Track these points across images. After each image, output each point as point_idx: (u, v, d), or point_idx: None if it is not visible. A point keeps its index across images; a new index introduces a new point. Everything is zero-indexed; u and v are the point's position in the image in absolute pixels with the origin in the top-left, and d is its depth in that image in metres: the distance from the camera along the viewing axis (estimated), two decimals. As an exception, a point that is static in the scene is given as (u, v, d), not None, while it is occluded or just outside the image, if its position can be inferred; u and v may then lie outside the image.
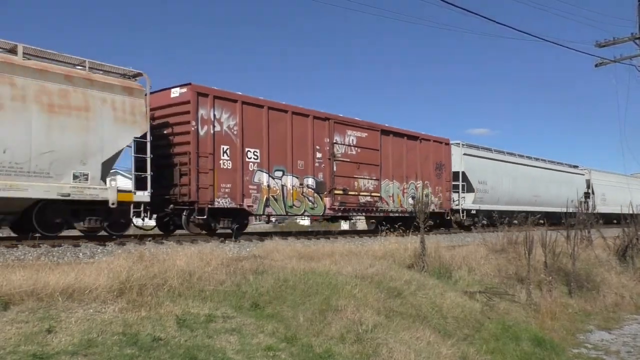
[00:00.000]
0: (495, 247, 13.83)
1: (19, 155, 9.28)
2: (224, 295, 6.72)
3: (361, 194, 15.96)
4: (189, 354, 4.99)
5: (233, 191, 12.39)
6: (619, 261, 16.07)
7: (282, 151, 13.70)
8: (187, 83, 11.99)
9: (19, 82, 9.35)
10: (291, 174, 13.89)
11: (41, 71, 9.66)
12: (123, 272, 6.30)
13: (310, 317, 6.57)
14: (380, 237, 13.02)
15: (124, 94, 10.76)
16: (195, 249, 8.14)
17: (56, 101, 9.81)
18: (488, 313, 9.55)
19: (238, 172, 12.54)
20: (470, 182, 20.77)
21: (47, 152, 9.65)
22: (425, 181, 18.41)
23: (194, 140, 11.74)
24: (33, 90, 9.52)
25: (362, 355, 6.07)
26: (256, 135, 13.07)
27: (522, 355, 8.55)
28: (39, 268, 6.41)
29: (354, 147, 15.81)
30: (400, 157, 17.51)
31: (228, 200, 12.30)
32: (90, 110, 10.26)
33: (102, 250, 9.58)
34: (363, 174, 16.03)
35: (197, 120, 11.84)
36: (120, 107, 10.66)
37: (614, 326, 11.65)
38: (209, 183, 11.86)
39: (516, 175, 23.52)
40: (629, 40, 20.58)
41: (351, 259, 9.56)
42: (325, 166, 14.82)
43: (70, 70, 10.22)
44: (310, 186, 14.37)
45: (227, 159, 12.38)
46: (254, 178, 12.95)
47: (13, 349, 4.49)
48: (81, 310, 5.42)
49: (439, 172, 19.16)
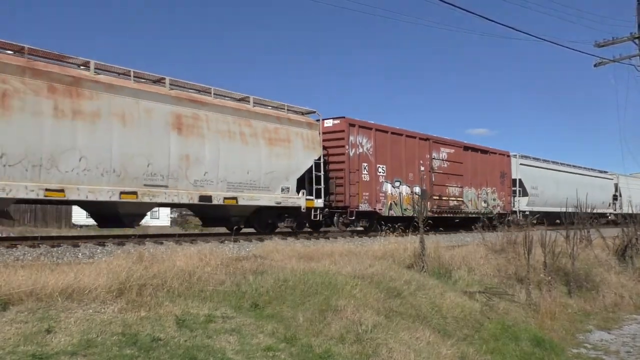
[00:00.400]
0: (494, 247, 13.84)
1: (255, 175, 13.25)
2: (224, 295, 6.72)
3: (450, 199, 19.80)
4: (188, 354, 4.99)
5: (370, 198, 16.29)
6: (618, 261, 16.09)
7: (399, 166, 17.67)
8: (341, 116, 16.15)
9: (253, 124, 13.35)
10: (405, 184, 17.90)
11: (264, 115, 13.74)
12: (122, 273, 6.29)
13: (310, 317, 6.57)
14: (379, 237, 13.03)
15: (308, 128, 14.85)
16: (194, 249, 8.14)
17: (273, 136, 13.83)
18: (488, 313, 9.56)
19: (373, 183, 16.51)
20: (525, 188, 24.78)
21: (269, 172, 13.60)
22: (493, 187, 22.48)
23: (347, 159, 15.76)
24: (260, 129, 13.47)
25: (361, 356, 6.06)
26: (383, 154, 17.06)
27: (522, 355, 8.55)
28: (39, 268, 6.40)
29: (445, 161, 19.86)
30: (475, 168, 21.49)
31: (367, 205, 16.17)
32: (291, 141, 14.23)
33: (102, 251, 9.59)
34: (451, 183, 20.01)
35: (348, 144, 15.84)
36: (306, 138, 14.70)
37: (613, 326, 11.66)
38: (356, 192, 15.78)
39: (559, 181, 27.39)
40: (628, 40, 20.61)
41: (351, 259, 9.56)
42: (426, 177, 18.70)
43: (278, 113, 14.20)
44: (417, 193, 17.73)
45: (366, 173, 16.38)
46: (382, 188, 16.89)
47: (12, 349, 4.49)
48: (80, 311, 5.41)
49: (502, 180, 23.15)
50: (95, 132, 10.35)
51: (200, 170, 12.07)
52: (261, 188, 13.35)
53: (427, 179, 18.60)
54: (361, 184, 16.02)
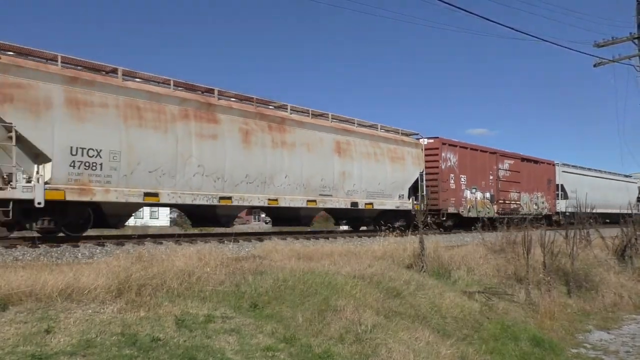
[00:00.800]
0: (494, 247, 13.84)
1: (383, 186, 17.38)
2: (223, 295, 6.72)
3: (511, 202, 24.23)
4: (187, 355, 4.98)
5: (455, 202, 20.47)
6: (617, 261, 16.08)
7: (475, 176, 21.87)
8: (435, 137, 20.44)
9: (381, 146, 17.72)
10: (479, 191, 22.08)
11: (387, 138, 18.08)
12: (122, 273, 6.29)
13: (310, 318, 6.57)
14: (379, 237, 13.03)
15: (414, 147, 19.11)
16: (194, 249, 8.14)
17: (393, 155, 17.95)
18: (487, 313, 9.55)
19: (457, 190, 20.73)
20: (566, 191, 28.74)
21: (391, 183, 17.75)
22: (542, 192, 26.82)
23: (440, 171, 20.02)
24: (386, 150, 17.79)
25: (361, 356, 6.06)
26: (464, 167, 21.27)
27: (521, 355, 8.55)
28: (38, 268, 6.40)
29: (507, 171, 24.33)
30: (529, 176, 25.95)
31: (453, 207, 20.33)
32: (405, 159, 18.43)
33: (101, 251, 9.59)
34: (512, 189, 24.48)
35: (440, 159, 20.10)
36: (414, 155, 18.92)
37: (612, 326, 11.66)
38: (446, 198, 20.00)
39: (592, 185, 30.90)
40: (628, 40, 20.60)
41: (350, 259, 9.56)
42: (494, 185, 23.12)
43: (396, 137, 18.57)
44: (487, 198, 22.51)
45: (452, 182, 20.59)
46: (464, 194, 21.09)
47: (11, 349, 4.48)
48: (80, 311, 5.41)
49: (548, 185, 27.61)
50: (293, 157, 14.44)
51: (351, 183, 16.29)
52: (386, 195, 17.64)
53: (494, 186, 23.12)
54: (449, 191, 20.29)
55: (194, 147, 12.13)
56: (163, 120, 11.65)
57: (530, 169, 26.12)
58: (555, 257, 12.81)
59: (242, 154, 13.13)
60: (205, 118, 12.54)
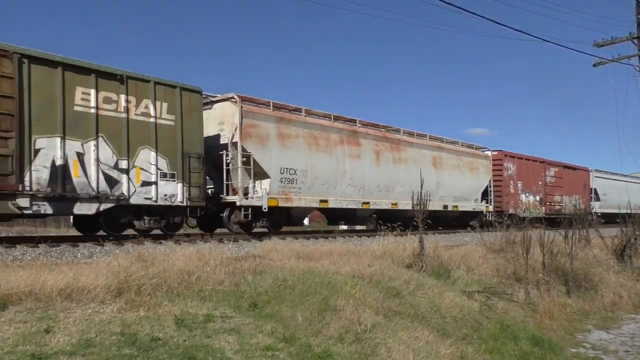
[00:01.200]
0: (493, 246, 13.84)
1: (464, 191, 21.48)
2: (223, 295, 6.72)
3: (555, 204, 27.91)
4: (187, 354, 4.98)
5: (514, 204, 24.33)
6: (617, 261, 16.09)
7: (528, 182, 25.79)
8: (499, 150, 24.61)
9: (462, 159, 21.74)
10: (531, 194, 25.90)
11: (466, 152, 22.11)
12: (121, 272, 6.29)
13: (309, 317, 6.57)
14: (378, 237, 13.03)
15: (485, 159, 23.36)
16: (193, 249, 8.14)
17: (470, 166, 22.07)
18: (486, 313, 9.56)
19: (515, 194, 24.72)
20: (598, 194, 32.41)
21: (470, 189, 21.86)
22: (579, 195, 30.00)
23: (503, 179, 24.08)
24: (465, 162, 21.88)
25: (360, 355, 6.06)
26: (520, 174, 25.17)
27: (521, 355, 8.55)
28: (38, 268, 6.40)
29: (552, 177, 28.14)
30: (569, 181, 29.71)
31: (512, 209, 23.87)
32: (478, 169, 22.59)
33: (101, 251, 9.59)
34: (556, 192, 28.29)
35: (503, 169, 24.18)
36: (484, 165, 23.10)
37: (612, 326, 11.67)
38: (508, 201, 24.08)
39: (619, 187, 35.02)
40: (627, 40, 20.60)
41: (350, 259, 9.56)
42: (542, 189, 26.95)
43: (472, 151, 22.72)
44: (537, 201, 26.31)
45: (512, 188, 24.54)
46: (520, 197, 24.96)
47: (11, 349, 4.48)
48: (79, 311, 5.41)
49: (584, 189, 31.17)
50: (405, 171, 18.52)
51: (442, 190, 20.30)
52: (466, 199, 21.63)
53: (543, 190, 26.97)
54: (509, 195, 24.35)
55: (347, 165, 16.46)
56: (328, 145, 15.96)
57: (569, 175, 30.04)
58: (554, 257, 12.82)
59: (375, 169, 17.49)
60: (352, 142, 16.91)
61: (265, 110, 14.30)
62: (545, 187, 27.00)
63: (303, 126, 15.23)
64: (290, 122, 14.87)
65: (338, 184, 15.93)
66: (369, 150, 17.34)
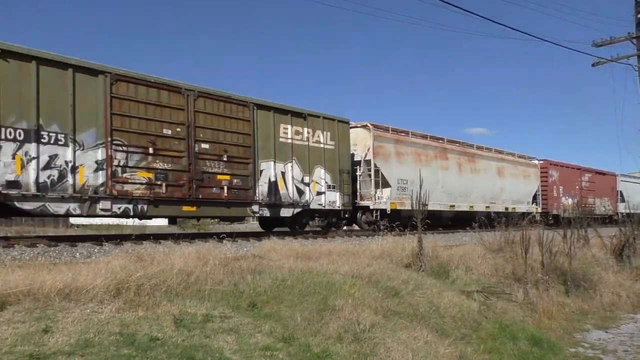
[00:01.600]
0: (492, 246, 13.83)
1: (519, 195, 25.70)
2: (222, 295, 6.71)
3: (588, 205, 30.81)
4: (186, 354, 4.98)
5: (556, 206, 28.37)
6: (615, 260, 16.09)
7: (567, 186, 30.01)
8: (545, 159, 28.99)
9: (518, 168, 25.88)
10: (570, 197, 29.76)
11: (521, 163, 26.30)
12: (120, 272, 6.27)
13: (308, 317, 6.56)
14: (377, 237, 13.03)
15: (534, 167, 27.53)
16: (192, 249, 8.12)
17: (524, 174, 26.10)
18: (485, 312, 9.56)
19: (557, 198, 29.04)
20: (624, 196, 36.41)
21: (524, 193, 26.06)
22: (607, 197, 34.66)
23: (548, 184, 28.35)
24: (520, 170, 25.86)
25: (359, 355, 6.06)
26: (561, 180, 29.54)
27: (520, 355, 8.56)
28: (36, 268, 6.38)
29: (586, 182, 32.28)
30: (600, 185, 34.00)
31: (555, 210, 28.19)
32: (530, 176, 26.82)
33: (99, 250, 9.57)
34: (589, 196, 32.30)
35: (548, 175, 28.42)
36: (534, 173, 27.37)
37: (611, 325, 11.67)
38: (552, 203, 28.36)
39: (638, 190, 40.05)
40: (626, 40, 20.63)
41: (349, 259, 9.55)
42: (578, 193, 30.62)
43: (525, 161, 26.86)
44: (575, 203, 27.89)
45: (555, 192, 29.02)
46: (561, 200, 29.08)
47: (9, 349, 4.47)
48: (78, 310, 5.40)
49: (612, 192, 35.73)
50: (478, 179, 22.80)
51: (504, 194, 24.53)
52: (521, 202, 25.71)
53: (579, 193, 30.72)
54: (553, 198, 28.58)
55: (439, 175, 20.48)
56: (427, 160, 20.04)
57: (600, 180, 34.17)
58: (553, 257, 12.81)
59: (458, 178, 21.58)
60: (442, 157, 21.04)
61: (387, 135, 18.64)
62: (581, 191, 31.38)
63: (411, 145, 19.58)
64: (403, 142, 19.26)
65: (434, 191, 18.62)
66: (454, 163, 21.66)
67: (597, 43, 21.09)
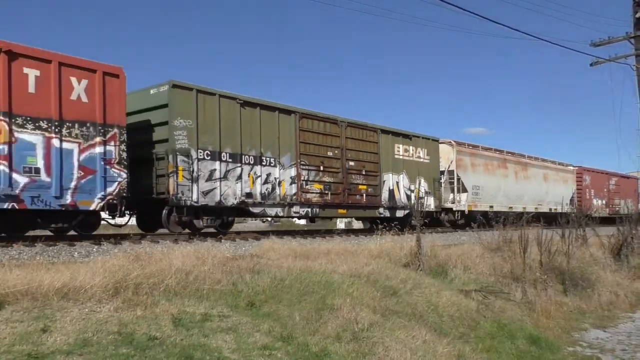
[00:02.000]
0: (490, 245, 13.84)
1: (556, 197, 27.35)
2: (220, 294, 6.71)
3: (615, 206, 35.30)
4: (184, 353, 4.98)
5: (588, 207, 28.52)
6: (613, 260, 16.12)
7: (597, 189, 34.41)
8: (580, 165, 33.38)
9: (559, 174, 30.63)
10: (599, 199, 34.46)
11: (559, 169, 30.85)
12: (118, 272, 6.27)
13: (306, 316, 6.57)
14: (376, 236, 13.03)
15: (571, 173, 32.11)
16: (191, 248, 8.12)
17: (562, 179, 30.88)
18: (484, 311, 9.57)
19: (590, 200, 32.81)
20: None
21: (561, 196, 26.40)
22: (630, 198, 37.51)
23: (582, 188, 32.79)
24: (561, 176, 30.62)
25: (358, 354, 6.07)
26: (592, 184, 34.21)
27: (518, 354, 8.57)
28: (34, 267, 6.37)
29: (613, 185, 36.40)
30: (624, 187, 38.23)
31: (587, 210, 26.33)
32: (568, 181, 31.37)
33: (98, 250, 9.56)
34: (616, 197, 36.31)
35: (582, 180, 32.79)
36: (571, 178, 31.86)
37: (608, 324, 11.70)
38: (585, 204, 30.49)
39: None
40: (624, 40, 20.63)
41: (347, 258, 9.56)
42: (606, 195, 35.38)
43: (562, 168, 31.51)
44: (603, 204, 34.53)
45: (587, 194, 33.17)
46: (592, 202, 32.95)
47: (7, 348, 4.47)
48: (76, 310, 5.39)
49: (634, 194, 39.82)
50: (529, 185, 27.20)
51: (548, 197, 28.49)
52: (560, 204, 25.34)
53: (607, 195, 35.48)
54: (586, 200, 32.25)
55: (501, 182, 24.90)
56: (492, 169, 24.59)
57: (624, 183, 38.84)
58: (552, 256, 12.83)
59: (514, 184, 25.97)
60: (503, 166, 25.53)
61: (464, 149, 23.20)
62: (609, 193, 36.00)
63: (481, 157, 24.17)
64: (475, 155, 23.82)
65: (497, 195, 24.29)
66: (512, 171, 26.15)
67: (595, 43, 21.10)
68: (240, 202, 13.17)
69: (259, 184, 13.66)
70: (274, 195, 14.06)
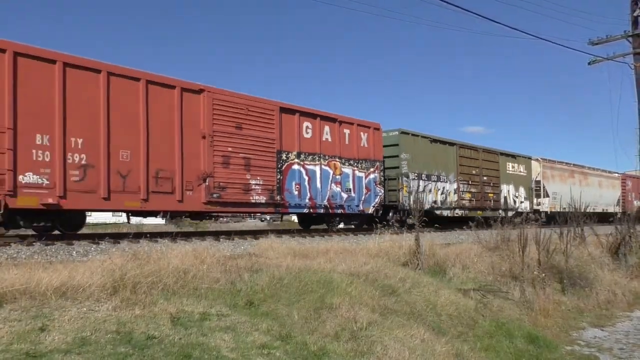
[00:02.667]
0: (489, 244, 13.85)
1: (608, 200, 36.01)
2: (219, 293, 6.71)
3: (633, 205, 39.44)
4: (183, 352, 4.97)
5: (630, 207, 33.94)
6: (611, 258, 16.14)
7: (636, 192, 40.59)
8: (624, 172, 40.33)
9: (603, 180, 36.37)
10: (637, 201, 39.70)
11: (605, 176, 36.91)
12: (117, 271, 6.27)
13: (305, 315, 6.57)
14: (374, 235, 13.03)
15: (617, 179, 38.04)
16: (190, 247, 8.12)
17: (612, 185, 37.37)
18: (482, 310, 9.58)
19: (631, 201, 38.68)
20: None
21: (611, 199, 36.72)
22: None
23: (625, 192, 38.92)
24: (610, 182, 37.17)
25: (356, 353, 6.07)
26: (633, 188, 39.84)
27: (516, 352, 8.58)
28: (32, 266, 6.36)
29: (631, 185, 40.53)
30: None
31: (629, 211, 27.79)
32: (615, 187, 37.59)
33: (96, 249, 9.56)
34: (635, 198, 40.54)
35: (625, 185, 39.02)
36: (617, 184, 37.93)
37: (606, 323, 11.71)
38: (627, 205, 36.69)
39: None
40: (622, 38, 20.67)
41: (346, 257, 9.56)
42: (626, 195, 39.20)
43: (608, 174, 37.45)
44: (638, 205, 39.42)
45: (629, 197, 39.41)
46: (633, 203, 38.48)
47: (5, 347, 4.47)
48: (74, 309, 5.39)
49: None
50: (588, 190, 31.40)
51: (602, 200, 33.55)
52: (609, 205, 34.09)
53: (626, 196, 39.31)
54: (628, 202, 37.77)
55: (569, 188, 27.80)
56: (564, 179, 30.35)
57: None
58: (550, 255, 12.84)
59: (578, 189, 27.84)
60: (571, 176, 30.87)
61: (547, 164, 29.08)
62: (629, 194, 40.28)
63: (557, 170, 30.02)
64: (554, 168, 29.86)
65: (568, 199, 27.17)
66: (577, 180, 31.55)
67: (593, 41, 21.15)
68: (430, 207, 19.37)
69: (439, 194, 20.36)
70: (446, 202, 20.90)
